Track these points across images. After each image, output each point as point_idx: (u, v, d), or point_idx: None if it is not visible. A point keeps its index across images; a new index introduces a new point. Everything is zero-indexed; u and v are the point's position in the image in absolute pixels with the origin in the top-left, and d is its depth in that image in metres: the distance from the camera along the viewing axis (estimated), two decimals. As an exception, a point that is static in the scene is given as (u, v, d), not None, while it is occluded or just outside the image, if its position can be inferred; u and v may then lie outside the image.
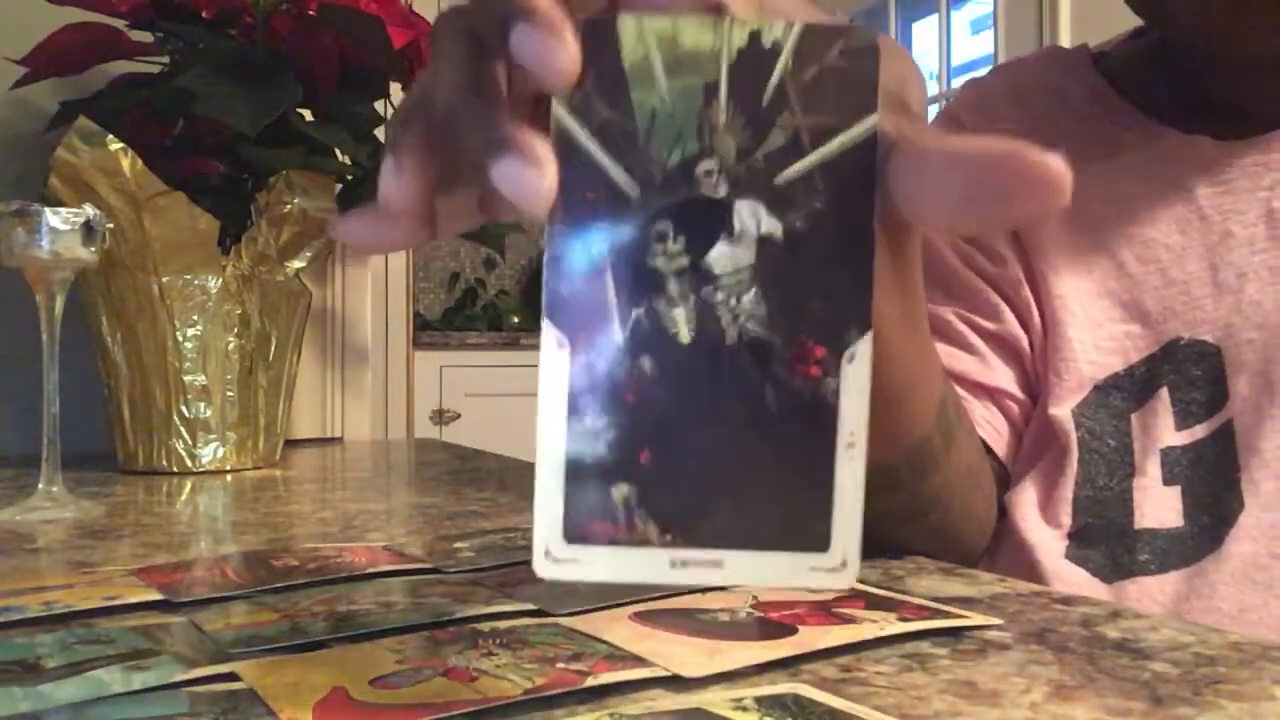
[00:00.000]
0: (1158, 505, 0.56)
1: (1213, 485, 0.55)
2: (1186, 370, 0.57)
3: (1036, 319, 0.60)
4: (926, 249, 0.62)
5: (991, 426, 0.59)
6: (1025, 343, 0.60)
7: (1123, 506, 0.56)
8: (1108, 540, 0.56)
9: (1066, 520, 0.57)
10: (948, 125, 0.68)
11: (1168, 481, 0.56)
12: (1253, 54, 0.57)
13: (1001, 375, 0.60)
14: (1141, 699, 0.27)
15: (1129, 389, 0.58)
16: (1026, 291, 0.60)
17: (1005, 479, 0.60)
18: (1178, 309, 0.57)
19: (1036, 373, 0.60)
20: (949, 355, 0.60)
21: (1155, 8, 0.58)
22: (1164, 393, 0.57)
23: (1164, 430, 0.56)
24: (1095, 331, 0.59)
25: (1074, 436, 0.57)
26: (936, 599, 0.38)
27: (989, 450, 0.59)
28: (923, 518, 0.48)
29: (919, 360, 0.41)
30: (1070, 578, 0.56)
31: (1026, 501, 0.58)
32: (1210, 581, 0.54)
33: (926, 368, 0.42)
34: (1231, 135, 0.59)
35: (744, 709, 0.26)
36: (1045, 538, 0.57)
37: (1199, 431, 0.56)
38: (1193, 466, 0.56)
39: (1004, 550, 0.58)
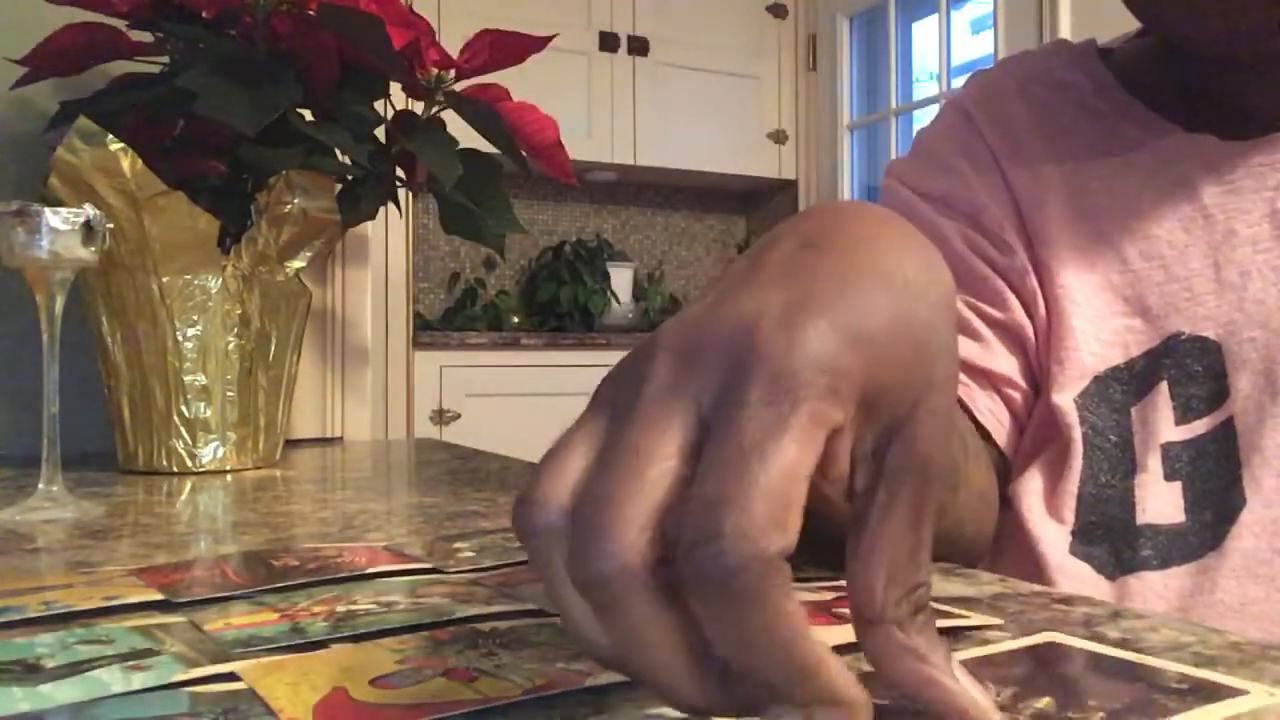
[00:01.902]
0: (1159, 501, 0.56)
1: (1214, 482, 0.55)
2: (1187, 365, 0.57)
3: (1041, 307, 0.60)
4: (935, 237, 0.62)
5: (993, 415, 0.59)
6: (1030, 331, 0.60)
7: (1124, 503, 0.56)
8: (1110, 536, 0.56)
9: (1070, 517, 0.57)
10: (954, 118, 0.67)
11: (1169, 477, 0.56)
12: (1247, 57, 0.57)
13: (1005, 363, 0.60)
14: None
15: (1128, 382, 0.58)
16: (1032, 280, 0.60)
17: (1005, 469, 0.61)
18: (1179, 305, 0.57)
19: (1040, 362, 0.60)
20: None
21: (1151, 11, 0.58)
22: (1164, 386, 0.57)
23: (1164, 425, 0.56)
24: (1097, 323, 0.59)
25: (1077, 431, 0.57)
26: (936, 598, 0.38)
27: (989, 438, 0.59)
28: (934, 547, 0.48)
29: None
30: (1074, 573, 0.56)
31: (1032, 493, 0.58)
32: (1212, 577, 0.54)
33: None
34: (1237, 135, 0.59)
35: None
36: (1049, 532, 0.57)
37: (1199, 427, 0.56)
38: (1194, 463, 0.56)
39: (1008, 543, 0.59)
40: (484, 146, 0.94)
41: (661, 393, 0.24)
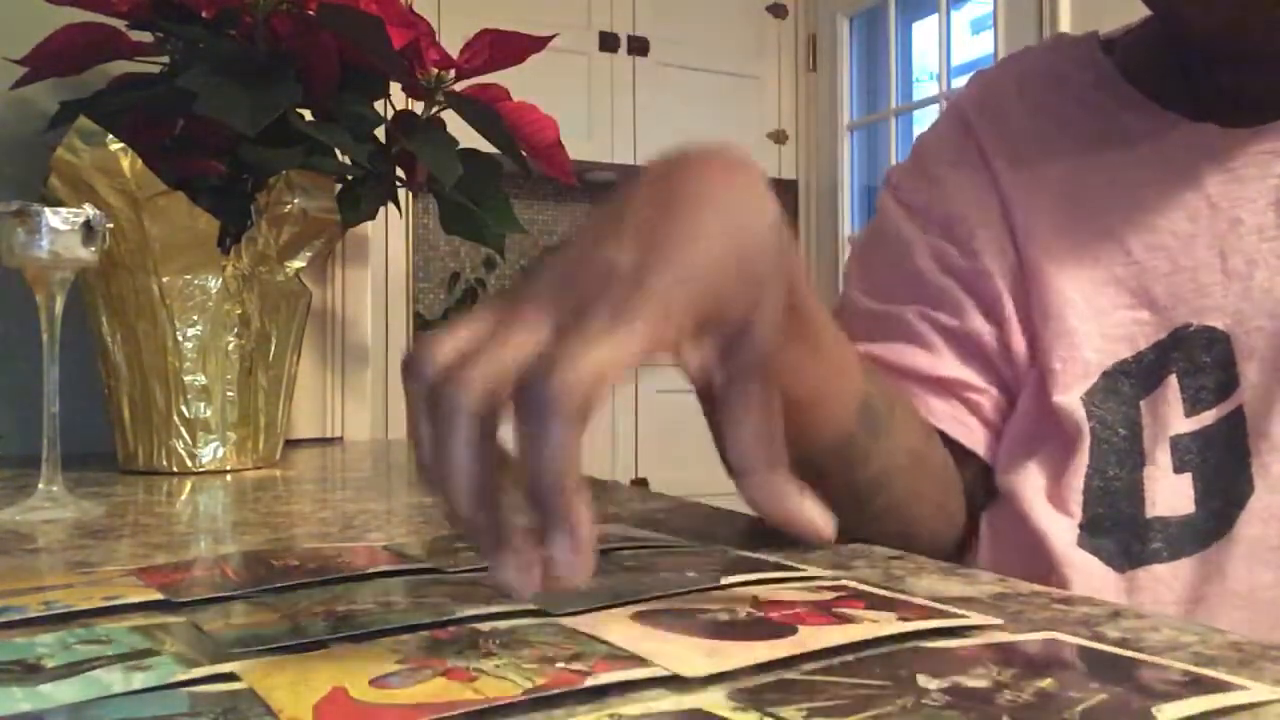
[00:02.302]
0: (1169, 494, 0.56)
1: (1223, 470, 0.55)
2: (1196, 357, 0.57)
3: (1009, 310, 0.61)
4: (904, 252, 0.63)
5: (954, 419, 0.60)
6: (990, 337, 0.61)
7: (1133, 496, 0.56)
8: (1119, 529, 0.56)
9: (1077, 510, 0.57)
10: (951, 122, 0.68)
11: (1178, 469, 0.56)
12: (1257, 48, 0.57)
13: (955, 368, 0.61)
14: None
15: (1137, 375, 0.58)
16: (997, 284, 0.61)
17: (984, 470, 0.61)
18: (1186, 296, 0.58)
19: (1014, 366, 0.61)
20: (902, 351, 0.61)
21: (1162, 0, 0.58)
22: (1173, 379, 0.57)
23: (1173, 417, 0.56)
24: (1101, 319, 0.59)
25: (1086, 426, 0.57)
26: (936, 598, 0.38)
27: (953, 442, 0.60)
28: (868, 503, 0.52)
29: (820, 373, 0.46)
30: (1082, 565, 0.56)
31: (1033, 490, 0.58)
32: (1221, 564, 0.54)
33: (833, 378, 0.48)
34: (1240, 123, 0.59)
35: (744, 709, 0.26)
36: (1056, 526, 0.57)
37: (1208, 418, 0.56)
38: (1202, 453, 0.56)
39: (1013, 539, 0.59)
40: (484, 146, 0.94)
41: (533, 307, 0.32)
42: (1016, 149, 0.64)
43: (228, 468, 0.85)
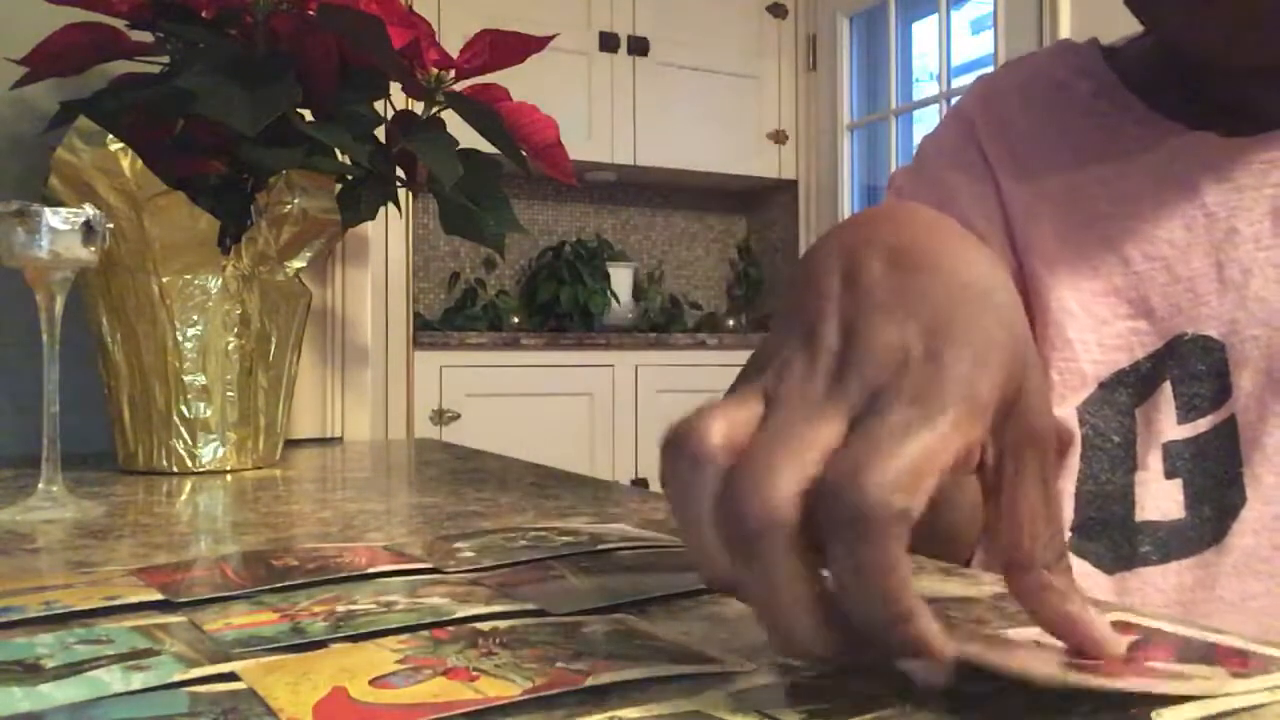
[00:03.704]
0: (1158, 498, 0.56)
1: (1215, 479, 0.55)
2: (1191, 365, 0.57)
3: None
4: None
5: None
6: None
7: (1124, 500, 0.57)
8: (1109, 532, 0.56)
9: (1069, 515, 0.57)
10: (954, 127, 0.68)
11: (1169, 475, 0.56)
12: (1253, 63, 0.57)
13: None
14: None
15: (1133, 385, 0.58)
16: None
17: None
18: (1183, 305, 0.58)
19: None
20: None
21: (1151, 16, 0.59)
22: (1167, 387, 0.57)
23: (1166, 424, 0.57)
24: (1100, 330, 0.59)
25: (1079, 434, 0.57)
26: (935, 600, 0.38)
27: None
28: (958, 540, 0.53)
29: None
30: (1074, 568, 0.56)
31: None
32: (1212, 572, 0.54)
33: None
34: (1239, 133, 0.59)
35: (744, 709, 0.26)
36: None
37: (1201, 425, 0.56)
38: (1194, 460, 0.56)
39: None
40: (484, 146, 0.94)
41: (821, 397, 0.28)
42: (1018, 158, 0.64)
43: (228, 468, 0.85)
